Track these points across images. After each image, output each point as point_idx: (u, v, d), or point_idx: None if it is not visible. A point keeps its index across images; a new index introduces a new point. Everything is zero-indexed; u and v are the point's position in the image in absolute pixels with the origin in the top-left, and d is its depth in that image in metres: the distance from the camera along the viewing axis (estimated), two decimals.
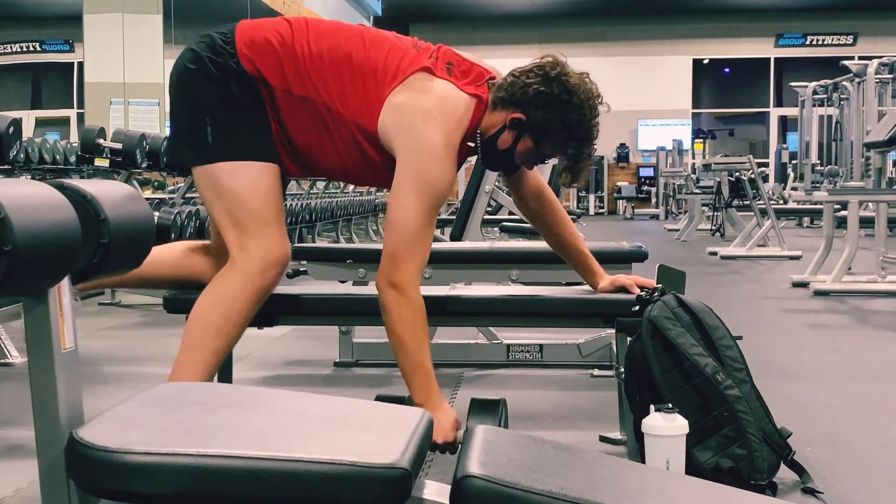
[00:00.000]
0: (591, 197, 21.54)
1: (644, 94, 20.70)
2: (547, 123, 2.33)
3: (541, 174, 2.68)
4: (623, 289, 2.56)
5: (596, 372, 3.70)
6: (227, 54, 2.38)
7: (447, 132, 2.31)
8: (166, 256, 2.59)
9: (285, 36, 2.39)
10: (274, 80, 2.37)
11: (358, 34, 2.42)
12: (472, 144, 2.41)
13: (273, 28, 2.43)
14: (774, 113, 21.92)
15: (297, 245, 3.75)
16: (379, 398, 2.15)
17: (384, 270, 2.28)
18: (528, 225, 6.11)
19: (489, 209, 6.64)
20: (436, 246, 3.85)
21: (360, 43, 2.39)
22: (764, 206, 9.58)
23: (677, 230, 13.05)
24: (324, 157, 2.44)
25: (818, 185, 12.64)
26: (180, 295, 2.54)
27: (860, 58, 13.93)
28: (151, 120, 9.71)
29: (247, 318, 2.37)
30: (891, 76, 12.07)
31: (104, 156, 5.89)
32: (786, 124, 21.82)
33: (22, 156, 6.47)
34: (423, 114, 2.29)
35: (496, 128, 2.38)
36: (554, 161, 3.07)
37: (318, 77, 2.37)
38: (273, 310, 2.58)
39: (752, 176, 9.87)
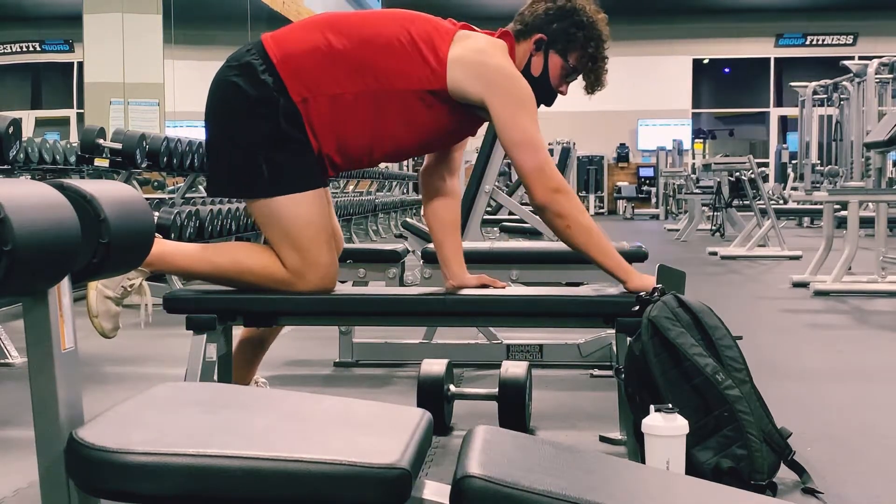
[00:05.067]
0: (591, 197, 21.53)
1: (644, 94, 20.70)
2: (565, 32, 2.60)
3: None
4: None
5: (596, 372, 3.70)
6: (271, 87, 2.45)
7: (507, 60, 2.57)
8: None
9: (321, 42, 2.48)
10: (326, 87, 2.46)
11: (391, 18, 2.57)
12: None
13: (306, 38, 2.50)
14: (774, 113, 21.92)
15: None
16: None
17: (538, 184, 2.48)
18: (528, 225, 6.12)
19: (489, 209, 6.63)
20: None
21: (399, 24, 2.53)
22: (764, 206, 9.57)
23: (677, 230, 13.05)
24: (378, 148, 2.57)
25: (818, 185, 12.63)
26: (180, 295, 2.54)
27: (860, 58, 13.93)
28: (151, 120, 9.71)
29: (244, 286, 2.55)
30: (891, 76, 12.06)
31: (104, 156, 5.88)
32: (786, 124, 21.82)
33: (22, 156, 6.48)
34: (483, 53, 2.53)
35: (526, 57, 2.62)
36: (555, 162, 3.09)
37: (370, 65, 2.48)
38: (273, 310, 2.58)
39: (752, 176, 9.86)
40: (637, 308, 2.40)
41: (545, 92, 2.65)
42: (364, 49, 2.49)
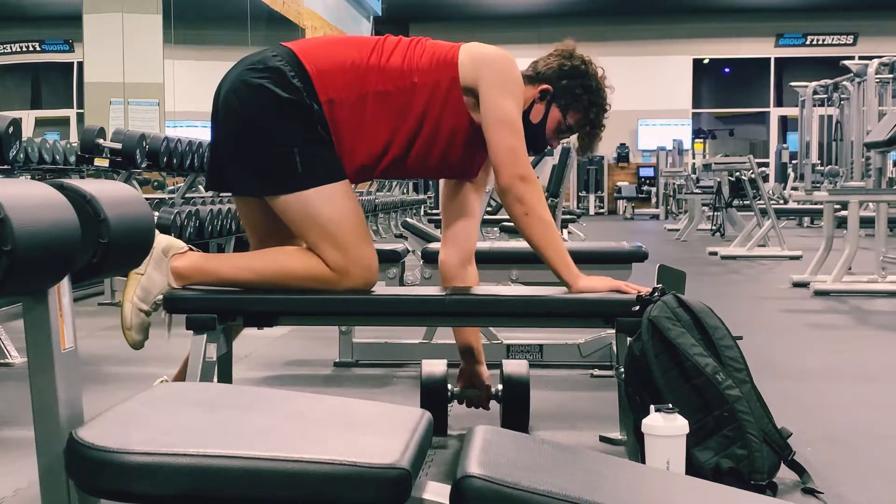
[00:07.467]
0: (591, 197, 21.53)
1: (644, 94, 20.69)
2: (572, 90, 2.68)
3: (540, 174, 2.72)
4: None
5: (596, 372, 3.70)
6: (301, 91, 2.48)
7: (510, 57, 2.65)
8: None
9: (348, 54, 2.56)
10: (351, 89, 2.51)
11: (407, 40, 2.66)
12: None
13: (332, 51, 2.57)
14: (774, 113, 21.92)
15: None
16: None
17: (508, 167, 2.54)
18: None
19: (489, 209, 6.63)
20: (436, 246, 3.85)
21: (415, 41, 2.64)
22: (764, 206, 9.57)
23: (677, 230, 13.05)
24: (392, 151, 2.58)
25: (818, 185, 12.63)
26: (180, 295, 2.54)
27: (860, 58, 13.92)
28: (151, 120, 9.70)
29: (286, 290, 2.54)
30: (891, 76, 12.05)
31: (104, 156, 5.88)
32: (786, 124, 21.82)
33: (22, 156, 6.47)
34: (487, 46, 2.64)
35: (527, 103, 2.68)
36: (555, 161, 3.10)
37: (390, 68, 2.55)
38: (273, 310, 2.58)
39: (753, 176, 9.87)
40: (637, 308, 2.40)
41: (537, 140, 2.72)
42: (385, 56, 2.55)
